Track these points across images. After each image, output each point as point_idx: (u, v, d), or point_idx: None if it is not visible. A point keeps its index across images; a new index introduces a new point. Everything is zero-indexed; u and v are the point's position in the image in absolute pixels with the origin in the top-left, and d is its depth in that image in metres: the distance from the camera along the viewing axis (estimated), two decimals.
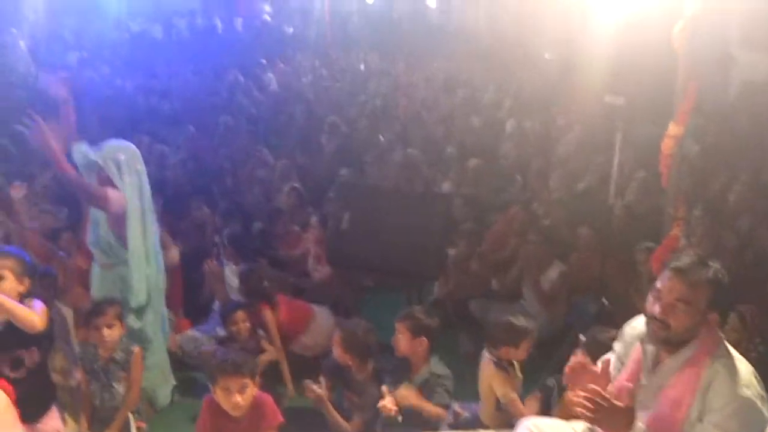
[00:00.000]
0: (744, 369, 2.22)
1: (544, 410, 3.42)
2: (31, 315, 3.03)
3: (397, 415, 3.47)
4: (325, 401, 3.71)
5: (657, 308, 2.26)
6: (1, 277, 3.05)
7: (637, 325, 2.51)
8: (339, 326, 3.93)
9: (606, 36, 7.61)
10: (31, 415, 3.14)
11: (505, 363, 3.39)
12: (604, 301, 4.83)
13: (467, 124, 9.28)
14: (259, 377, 3.17)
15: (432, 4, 17.55)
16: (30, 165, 6.71)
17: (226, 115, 9.40)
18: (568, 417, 2.76)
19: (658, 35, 4.33)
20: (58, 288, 4.38)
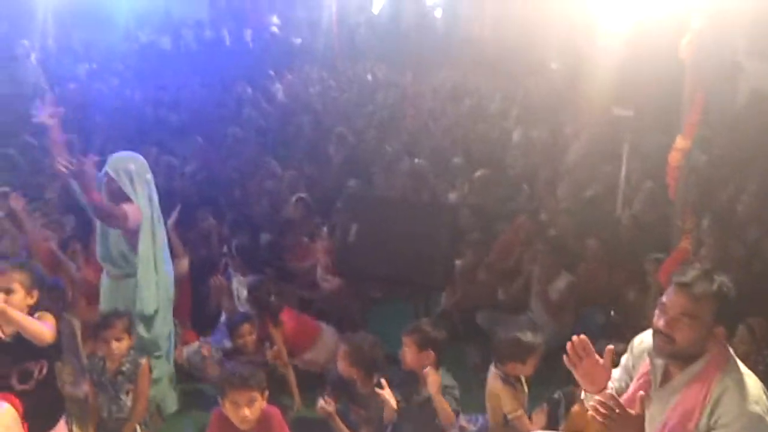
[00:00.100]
0: (753, 384, 2.21)
1: (551, 424, 3.41)
2: (41, 328, 3.04)
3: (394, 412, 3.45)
4: (335, 417, 3.70)
5: (662, 322, 2.26)
6: (12, 290, 3.06)
7: (646, 338, 2.49)
8: (344, 340, 3.88)
9: (613, 46, 7.62)
10: (39, 428, 3.15)
11: (512, 379, 3.38)
12: (612, 312, 4.81)
13: (474, 134, 9.27)
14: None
15: (438, 14, 17.60)
16: (38, 175, 6.77)
17: (234, 126, 9.42)
18: (575, 431, 2.75)
19: (665, 46, 4.33)
20: (67, 300, 4.40)
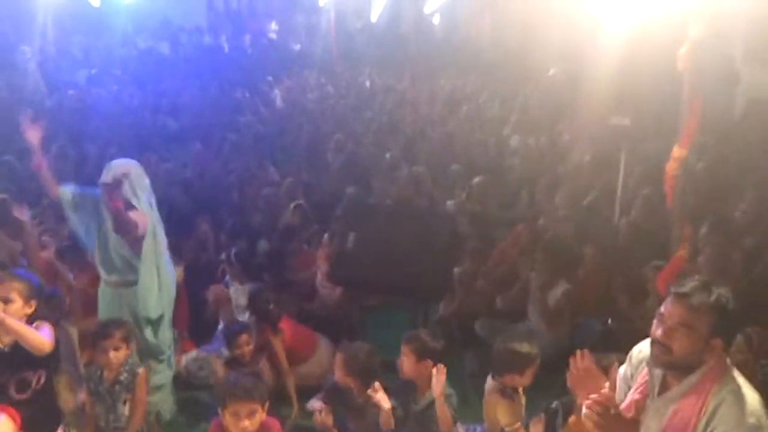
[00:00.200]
0: (751, 397, 2.21)
1: None
2: (40, 337, 3.05)
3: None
4: (331, 427, 3.69)
5: (660, 332, 2.27)
6: (10, 299, 3.07)
7: (645, 348, 2.49)
8: (341, 349, 3.86)
9: (611, 52, 7.62)
10: None
11: (510, 390, 3.37)
12: (609, 321, 4.80)
13: (472, 140, 9.28)
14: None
15: (436, 20, 17.62)
16: (36, 182, 6.74)
17: (232, 132, 9.44)
18: None
19: (663, 54, 4.34)
20: (64, 309, 4.39)
